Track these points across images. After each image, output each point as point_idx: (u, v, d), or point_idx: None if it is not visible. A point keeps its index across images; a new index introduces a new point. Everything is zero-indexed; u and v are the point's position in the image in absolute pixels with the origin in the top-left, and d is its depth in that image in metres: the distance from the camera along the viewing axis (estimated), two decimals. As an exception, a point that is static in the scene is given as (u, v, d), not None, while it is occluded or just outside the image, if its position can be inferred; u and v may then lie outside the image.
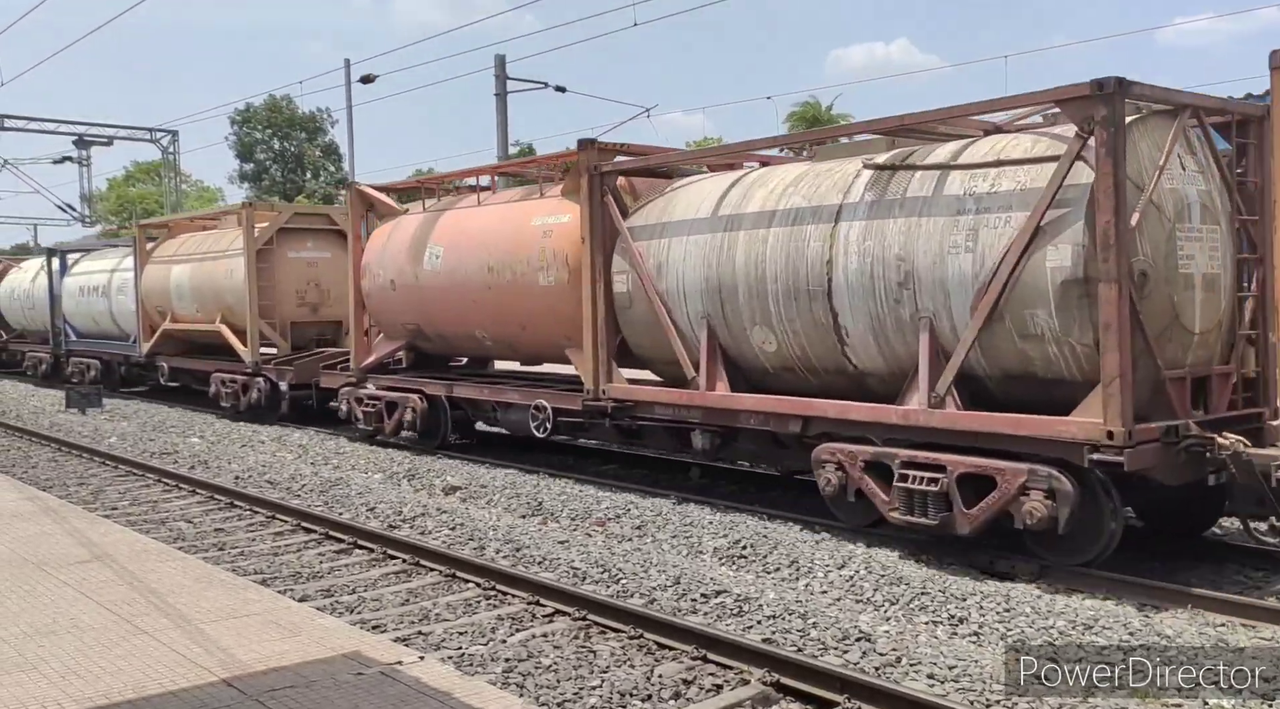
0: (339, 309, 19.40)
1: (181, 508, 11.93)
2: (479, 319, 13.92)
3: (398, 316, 15.42)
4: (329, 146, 63.75)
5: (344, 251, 18.43)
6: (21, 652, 5.74)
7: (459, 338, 14.88)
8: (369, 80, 31.30)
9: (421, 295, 14.68)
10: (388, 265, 15.25)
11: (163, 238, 23.59)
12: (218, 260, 20.49)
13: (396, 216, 15.96)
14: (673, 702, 5.83)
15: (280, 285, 19.61)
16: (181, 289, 21.43)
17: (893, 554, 8.72)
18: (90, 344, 26.45)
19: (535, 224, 12.85)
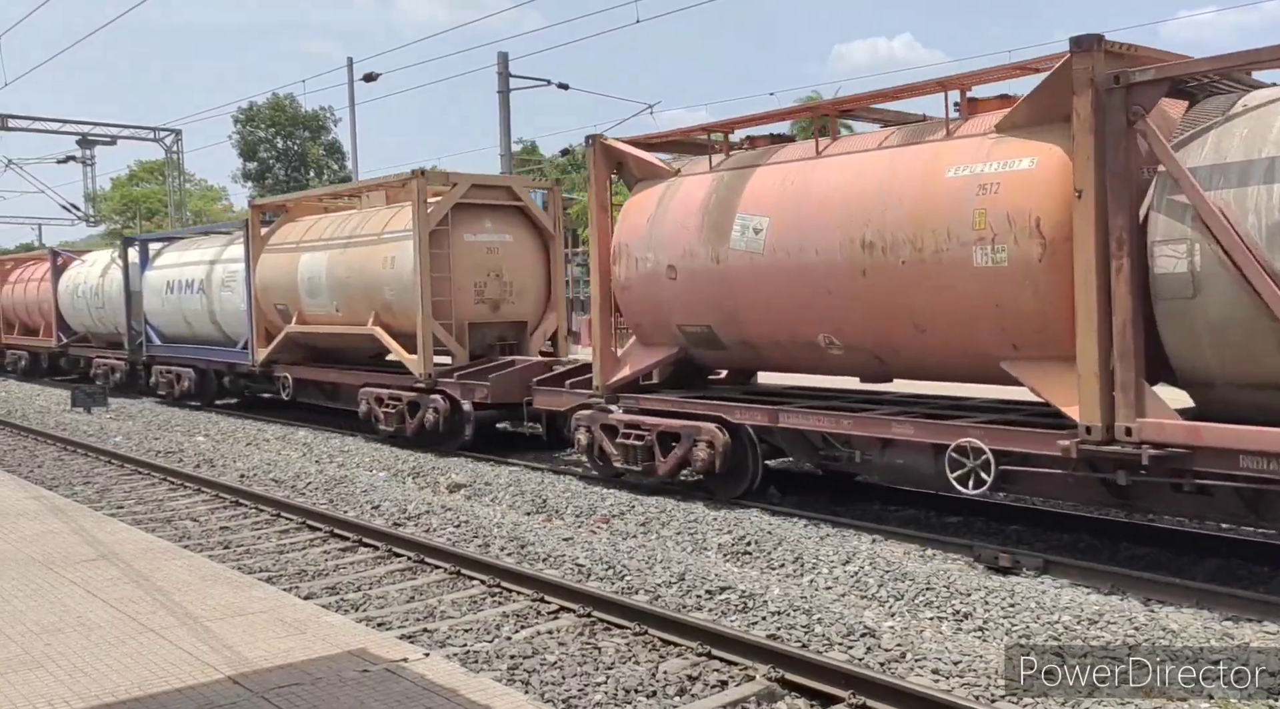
0: (523, 306, 16.21)
1: (187, 506, 11.96)
2: (834, 318, 9.75)
3: (674, 316, 11.25)
4: (332, 145, 63.79)
5: (527, 233, 16.13)
6: (28, 650, 5.76)
7: (784, 345, 10.51)
8: (372, 79, 31.32)
9: (725, 285, 10.54)
10: (661, 245, 11.14)
11: (280, 221, 19.60)
12: (372, 246, 16.23)
13: (665, 179, 11.60)
14: (678, 698, 5.84)
15: (456, 277, 15.39)
16: (315, 283, 17.37)
17: (897, 550, 8.72)
18: (180, 350, 22.34)
19: (957, 176, 8.70)
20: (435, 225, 15.06)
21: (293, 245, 18.32)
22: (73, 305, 27.70)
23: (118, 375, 25.05)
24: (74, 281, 27.66)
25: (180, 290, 21.81)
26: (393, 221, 16.00)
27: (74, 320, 28.09)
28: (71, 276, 27.97)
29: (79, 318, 27.63)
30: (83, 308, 27.06)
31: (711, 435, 10.55)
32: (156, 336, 23.07)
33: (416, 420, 14.85)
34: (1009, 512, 9.93)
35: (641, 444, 11.24)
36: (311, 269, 17.49)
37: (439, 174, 15.83)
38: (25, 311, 31.49)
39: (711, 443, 10.53)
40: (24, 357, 32.04)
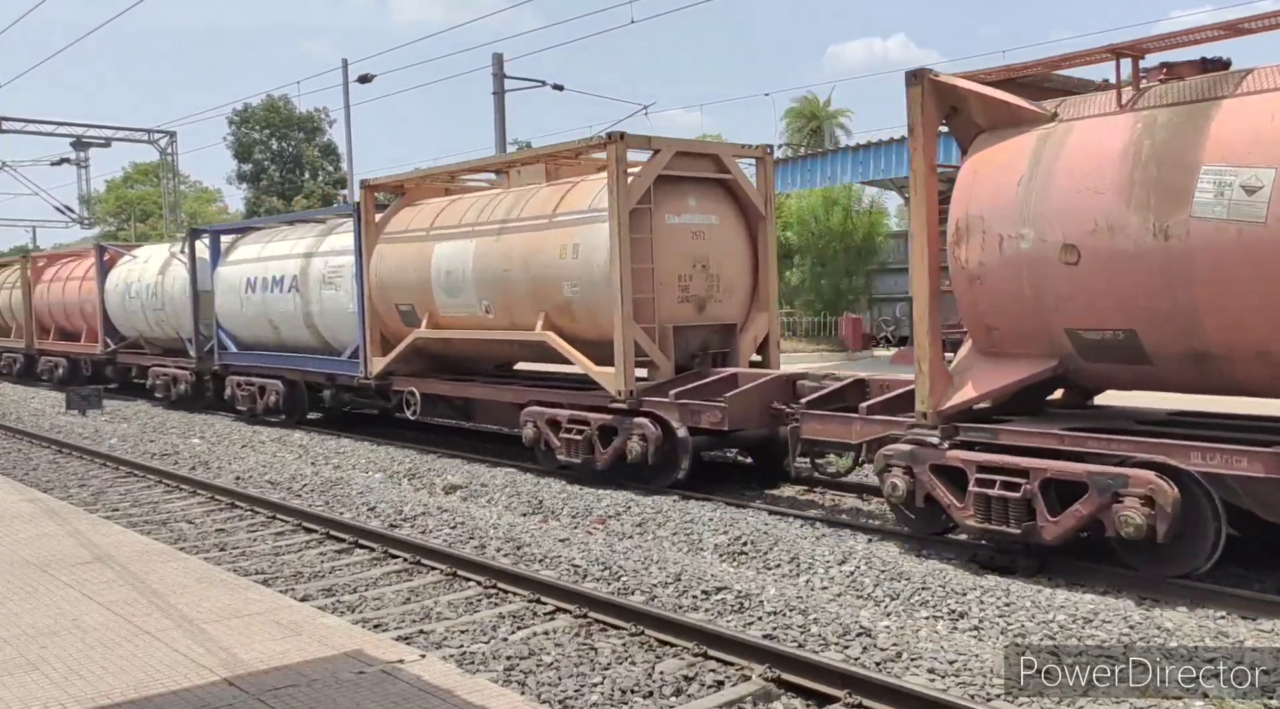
0: (731, 306, 12.86)
1: (183, 509, 11.95)
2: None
3: (1063, 316, 8.10)
4: (327, 146, 63.70)
5: (734, 213, 12.87)
6: (24, 653, 5.75)
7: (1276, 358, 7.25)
8: (366, 80, 31.30)
9: (1175, 271, 7.37)
10: (1048, 217, 7.98)
11: (396, 206, 16.14)
12: (542, 231, 12.83)
13: (1037, 126, 8.40)
14: (674, 698, 5.84)
15: (660, 269, 12.11)
16: (457, 278, 13.94)
17: (893, 550, 8.74)
18: (264, 359, 18.84)
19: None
20: (636, 203, 11.79)
21: (420, 233, 14.80)
22: (123, 307, 24.08)
23: (181, 387, 21.66)
24: (124, 280, 24.08)
25: (265, 289, 18.31)
26: (569, 200, 12.74)
27: (124, 324, 24.56)
28: (121, 275, 24.38)
29: (131, 321, 24.06)
30: (136, 310, 23.42)
31: (1151, 487, 7.22)
32: (231, 343, 19.80)
33: (613, 450, 11.71)
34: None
35: (1015, 497, 7.91)
36: (451, 261, 13.93)
37: (637, 138, 12.28)
38: (64, 314, 28.01)
39: (1150, 499, 7.22)
40: (62, 364, 28.31)
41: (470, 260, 13.74)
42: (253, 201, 61.50)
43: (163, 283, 22.30)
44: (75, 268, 27.84)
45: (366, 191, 16.16)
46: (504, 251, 13.28)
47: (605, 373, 12.02)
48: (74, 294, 27.24)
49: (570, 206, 12.71)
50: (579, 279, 12.36)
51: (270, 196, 59.84)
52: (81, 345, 26.98)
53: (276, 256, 18.49)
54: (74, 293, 27.28)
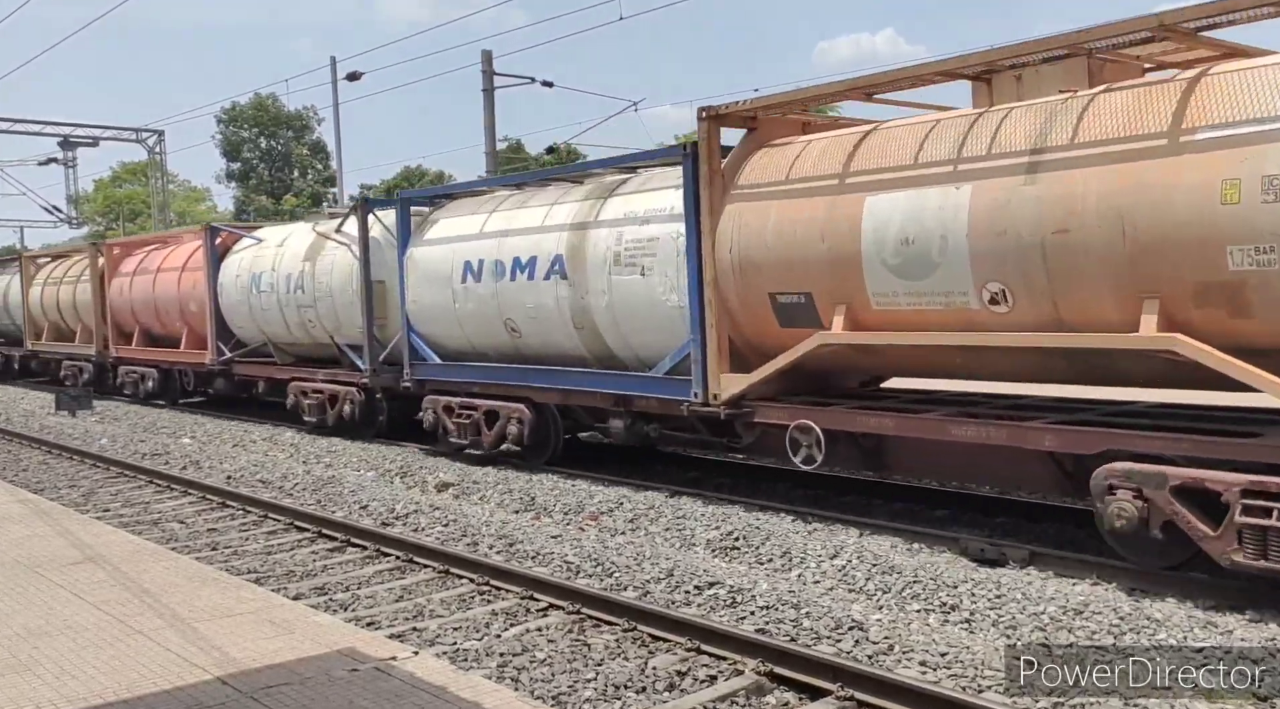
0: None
1: (174, 508, 11.92)
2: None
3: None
4: (316, 144, 63.60)
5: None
6: (15, 653, 5.74)
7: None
8: (355, 78, 31.26)
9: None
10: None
11: (746, 146, 10.51)
12: (1159, 159, 7.30)
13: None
14: (667, 693, 5.86)
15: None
16: (926, 247, 8.58)
17: (885, 543, 8.76)
18: (491, 375, 13.44)
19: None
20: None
21: (828, 181, 9.33)
22: (246, 304, 18.74)
23: (345, 409, 16.26)
24: (247, 269, 18.77)
25: (498, 275, 12.95)
26: (1215, 101, 7.14)
27: (244, 325, 19.28)
28: (242, 263, 19.04)
29: (256, 322, 18.78)
30: (268, 307, 18.08)
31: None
32: (431, 351, 14.33)
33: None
34: (995, 504, 9.99)
35: None
36: (905, 221, 8.65)
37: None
38: (155, 313, 22.27)
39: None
40: (151, 376, 22.68)
41: (963, 216, 8.28)
42: (242, 200, 61.37)
43: (312, 271, 16.90)
44: (169, 256, 22.06)
45: (710, 123, 10.32)
46: (1054, 199, 7.76)
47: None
48: (169, 288, 21.48)
49: (1226, 113, 7.02)
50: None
51: (259, 195, 59.71)
52: (183, 353, 21.12)
53: (519, 230, 12.99)
54: (169, 287, 21.47)
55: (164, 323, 22.15)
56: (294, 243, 17.90)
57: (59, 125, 42.22)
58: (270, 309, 18.06)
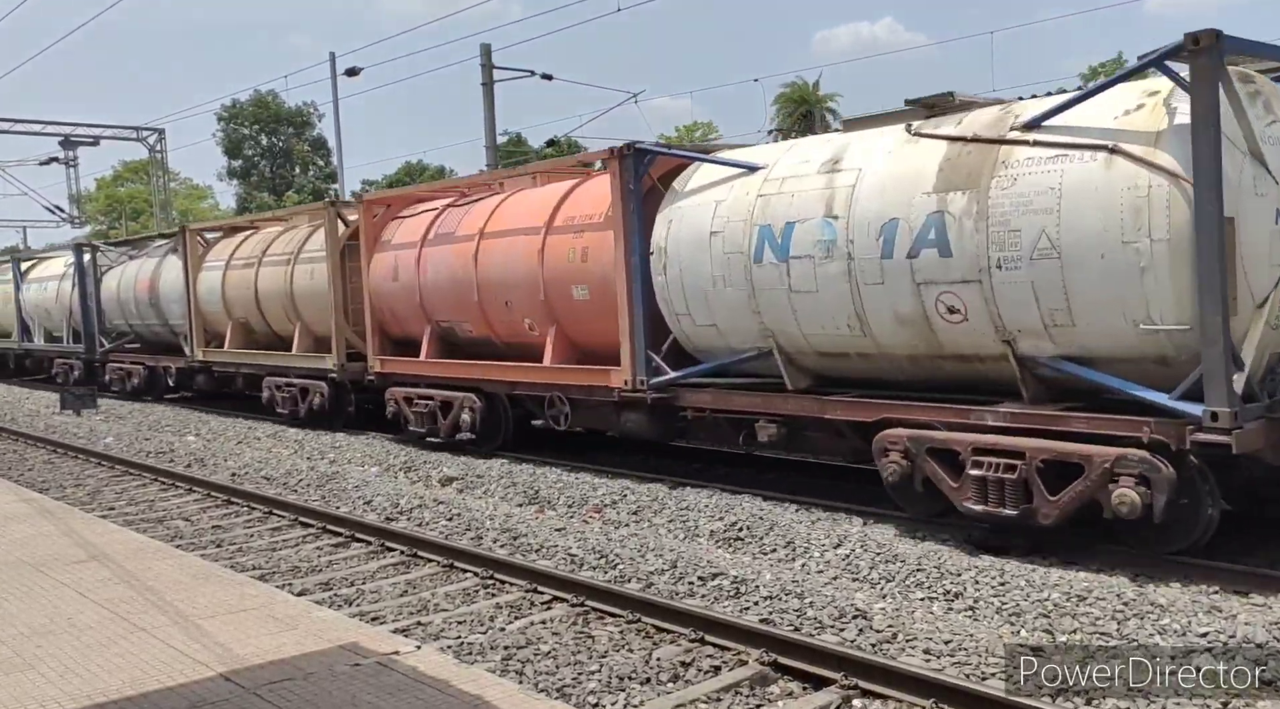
0: None
1: (179, 506, 11.95)
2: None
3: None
4: (317, 141, 63.59)
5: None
6: (19, 652, 5.76)
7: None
8: (354, 73, 31.22)
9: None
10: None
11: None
12: None
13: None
14: (671, 684, 5.86)
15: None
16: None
17: (888, 532, 8.75)
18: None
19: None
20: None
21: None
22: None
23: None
24: (745, 214, 9.84)
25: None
26: None
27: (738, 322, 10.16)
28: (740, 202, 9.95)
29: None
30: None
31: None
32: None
33: None
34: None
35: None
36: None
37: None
38: (484, 305, 13.18)
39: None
40: (493, 409, 13.51)
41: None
42: (244, 197, 61.38)
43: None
44: (508, 208, 13.32)
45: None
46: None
47: None
48: (535, 261, 12.19)
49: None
50: None
51: (261, 192, 59.73)
52: (575, 372, 12.12)
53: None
54: (524, 259, 12.39)
55: (499, 320, 13.03)
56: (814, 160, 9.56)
57: (60, 125, 42.25)
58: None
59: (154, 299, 21.77)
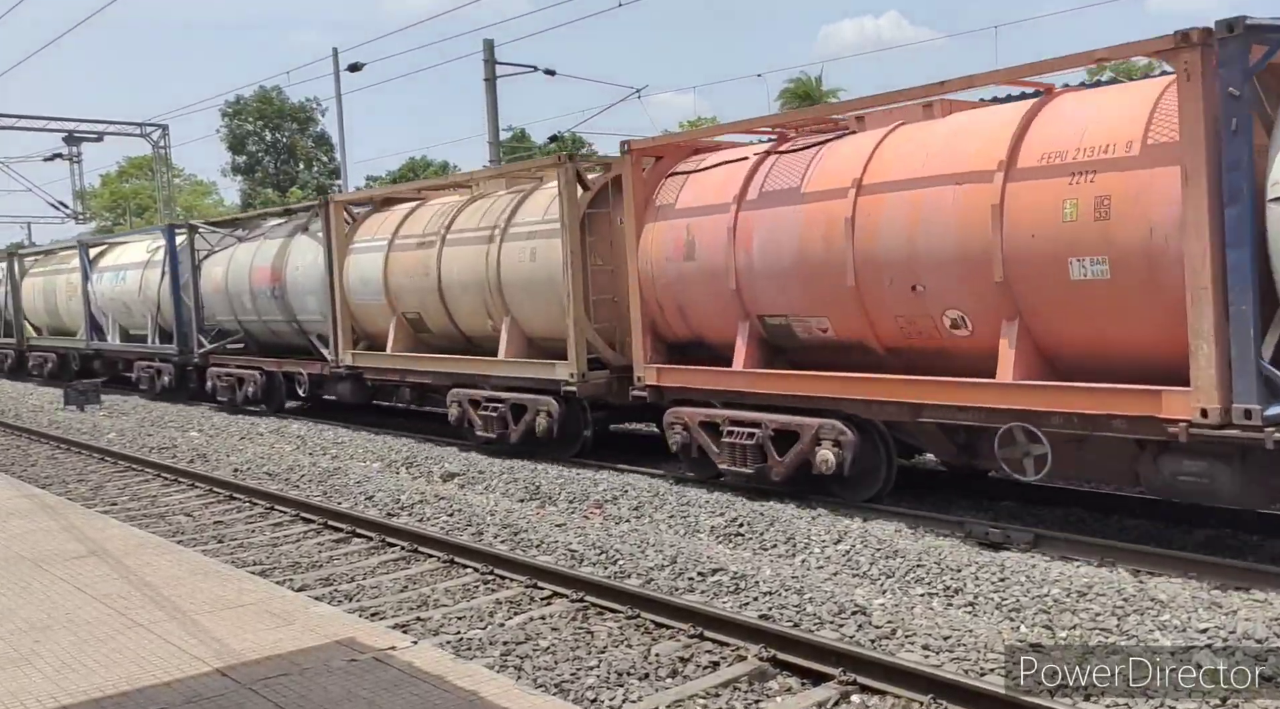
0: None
1: (181, 502, 11.95)
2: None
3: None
4: (320, 137, 63.60)
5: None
6: (16, 647, 5.76)
7: None
8: (356, 69, 31.16)
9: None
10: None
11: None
12: None
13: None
14: (670, 679, 5.85)
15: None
16: None
17: (889, 527, 8.73)
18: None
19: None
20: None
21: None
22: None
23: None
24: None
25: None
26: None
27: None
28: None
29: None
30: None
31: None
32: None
33: None
34: (1001, 487, 9.95)
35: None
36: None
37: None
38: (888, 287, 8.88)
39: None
40: (849, 440, 9.27)
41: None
42: (248, 193, 61.41)
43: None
44: (926, 144, 8.89)
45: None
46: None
47: None
48: (954, 224, 8.35)
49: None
50: None
51: (265, 188, 59.75)
52: (1093, 395, 7.66)
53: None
54: (957, 221, 8.33)
55: (889, 313, 9.02)
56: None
57: (63, 121, 42.21)
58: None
59: (278, 290, 17.73)
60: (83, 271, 25.03)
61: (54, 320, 27.65)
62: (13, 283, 29.40)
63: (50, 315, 27.74)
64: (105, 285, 24.30)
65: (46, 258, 29.09)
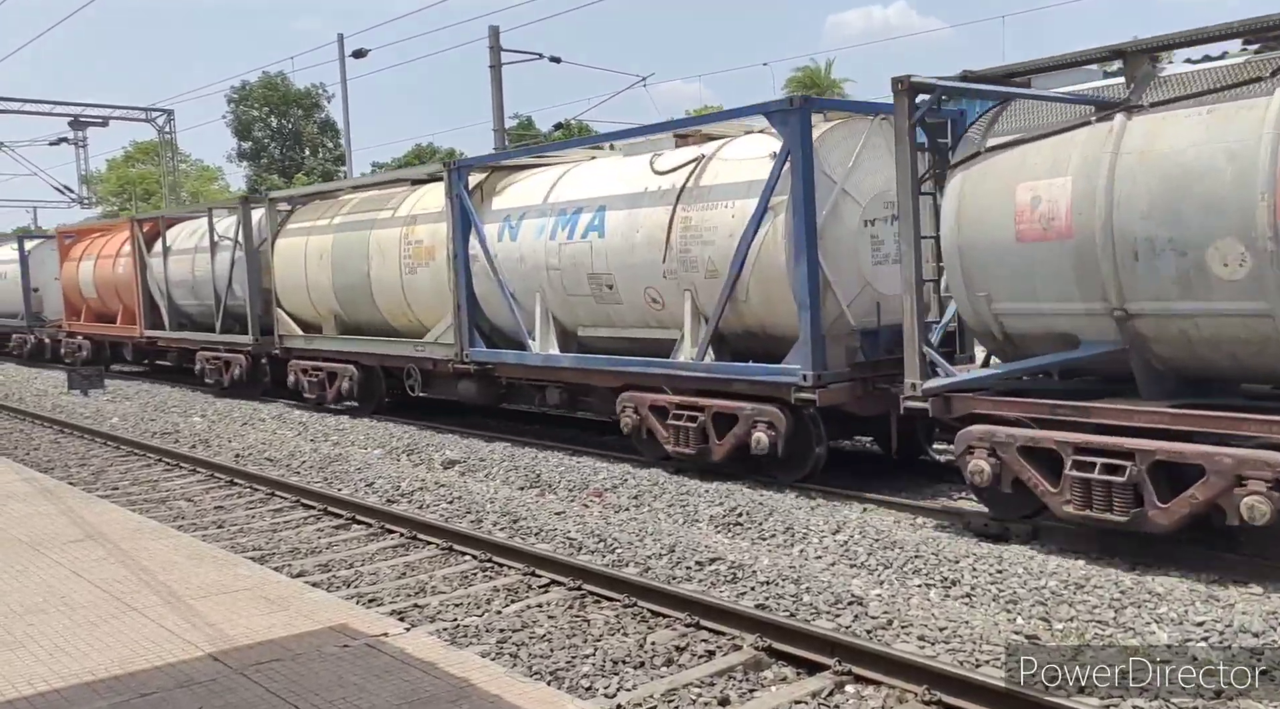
0: None
1: (182, 487, 11.96)
2: None
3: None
4: (326, 123, 63.52)
5: None
6: (10, 630, 5.76)
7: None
8: (361, 55, 31.14)
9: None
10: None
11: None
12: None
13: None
14: (665, 668, 5.84)
15: None
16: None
17: (888, 519, 8.71)
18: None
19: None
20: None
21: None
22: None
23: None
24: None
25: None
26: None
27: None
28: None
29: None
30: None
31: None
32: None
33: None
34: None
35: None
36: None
37: None
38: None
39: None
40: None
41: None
42: (254, 179, 61.37)
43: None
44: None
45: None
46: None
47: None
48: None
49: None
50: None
51: (271, 174, 59.70)
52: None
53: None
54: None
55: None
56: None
57: (69, 105, 42.28)
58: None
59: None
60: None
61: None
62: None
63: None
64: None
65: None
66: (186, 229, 21.75)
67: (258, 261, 18.34)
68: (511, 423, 15.20)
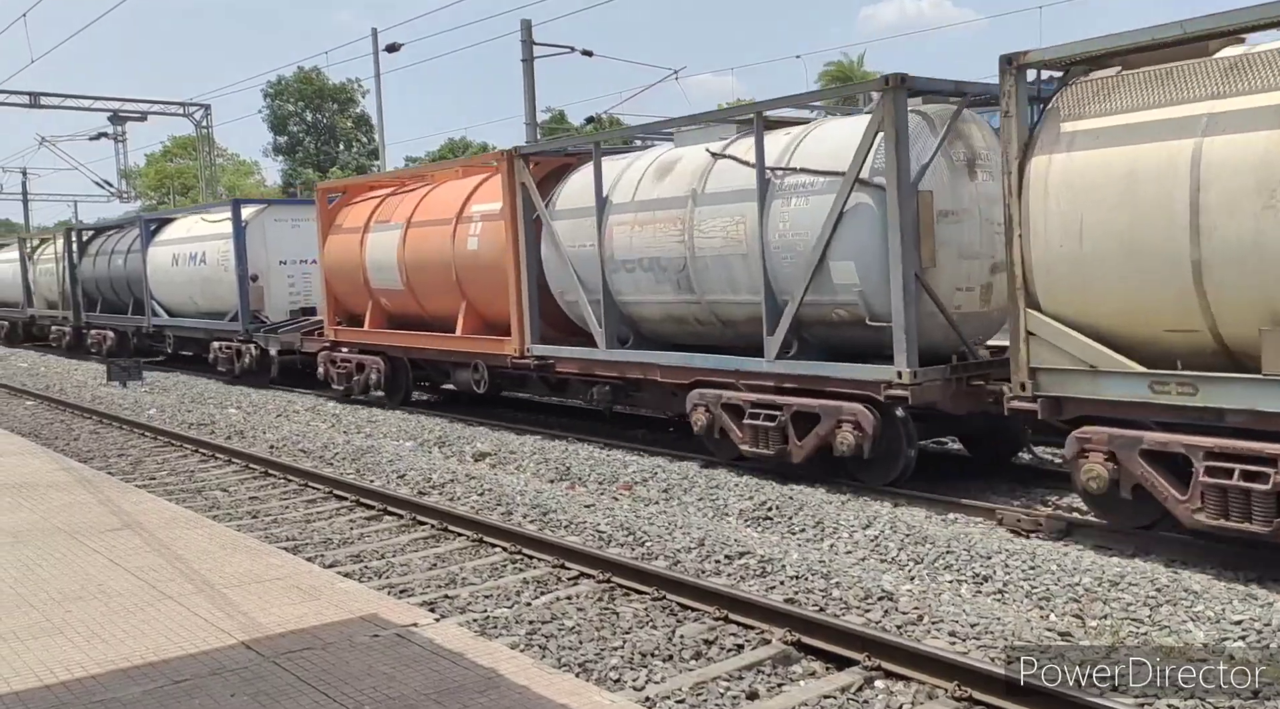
0: None
1: (218, 477, 12.09)
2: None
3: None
4: (360, 117, 63.94)
5: None
6: (49, 616, 5.85)
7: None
8: (394, 49, 31.25)
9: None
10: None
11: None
12: None
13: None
14: (694, 661, 5.83)
15: None
16: None
17: (919, 513, 8.65)
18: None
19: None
20: None
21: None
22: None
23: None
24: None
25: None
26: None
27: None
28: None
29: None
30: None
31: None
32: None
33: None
34: (1034, 474, 9.84)
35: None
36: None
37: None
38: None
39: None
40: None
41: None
42: (289, 173, 61.87)
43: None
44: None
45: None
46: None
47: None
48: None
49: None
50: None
51: (306, 168, 60.17)
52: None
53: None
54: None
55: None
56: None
57: (108, 100, 42.72)
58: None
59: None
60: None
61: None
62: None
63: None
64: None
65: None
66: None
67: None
68: (540, 415, 15.23)
